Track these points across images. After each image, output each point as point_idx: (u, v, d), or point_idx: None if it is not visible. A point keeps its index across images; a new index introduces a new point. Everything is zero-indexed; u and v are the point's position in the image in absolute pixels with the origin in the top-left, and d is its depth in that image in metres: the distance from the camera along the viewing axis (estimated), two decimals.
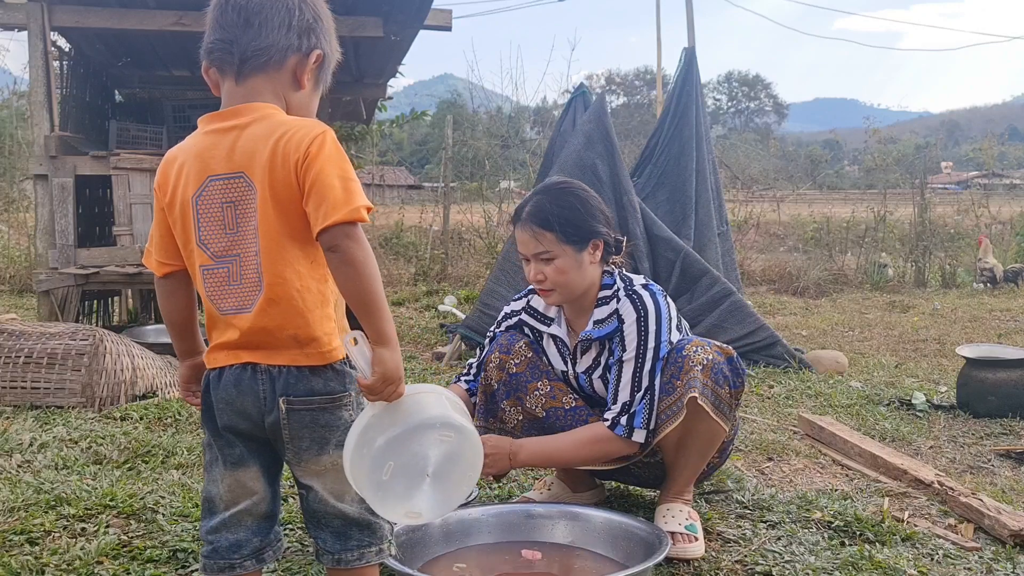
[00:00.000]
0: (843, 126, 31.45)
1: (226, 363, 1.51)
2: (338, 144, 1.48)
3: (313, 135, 1.45)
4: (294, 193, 1.45)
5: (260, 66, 1.53)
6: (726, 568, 2.15)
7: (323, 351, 1.49)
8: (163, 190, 1.57)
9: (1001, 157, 23.00)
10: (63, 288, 5.24)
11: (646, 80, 59.76)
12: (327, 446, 1.51)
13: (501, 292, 5.30)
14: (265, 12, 1.52)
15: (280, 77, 1.55)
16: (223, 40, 1.53)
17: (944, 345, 6.02)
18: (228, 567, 1.54)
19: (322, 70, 1.61)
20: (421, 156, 29.35)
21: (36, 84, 5.32)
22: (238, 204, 1.48)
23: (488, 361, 2.46)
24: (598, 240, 2.31)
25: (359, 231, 1.43)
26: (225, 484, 1.54)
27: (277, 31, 1.52)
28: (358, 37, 5.81)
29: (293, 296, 1.47)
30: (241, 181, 1.48)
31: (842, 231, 11.59)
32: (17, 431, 3.29)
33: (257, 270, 1.47)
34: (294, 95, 1.57)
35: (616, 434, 2.23)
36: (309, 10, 1.56)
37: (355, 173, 1.47)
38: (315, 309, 1.49)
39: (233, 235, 1.49)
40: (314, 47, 1.56)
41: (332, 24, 1.63)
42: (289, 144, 1.45)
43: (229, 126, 1.51)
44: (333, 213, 1.40)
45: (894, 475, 2.89)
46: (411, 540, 2.05)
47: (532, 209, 2.31)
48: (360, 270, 1.42)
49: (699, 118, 6.03)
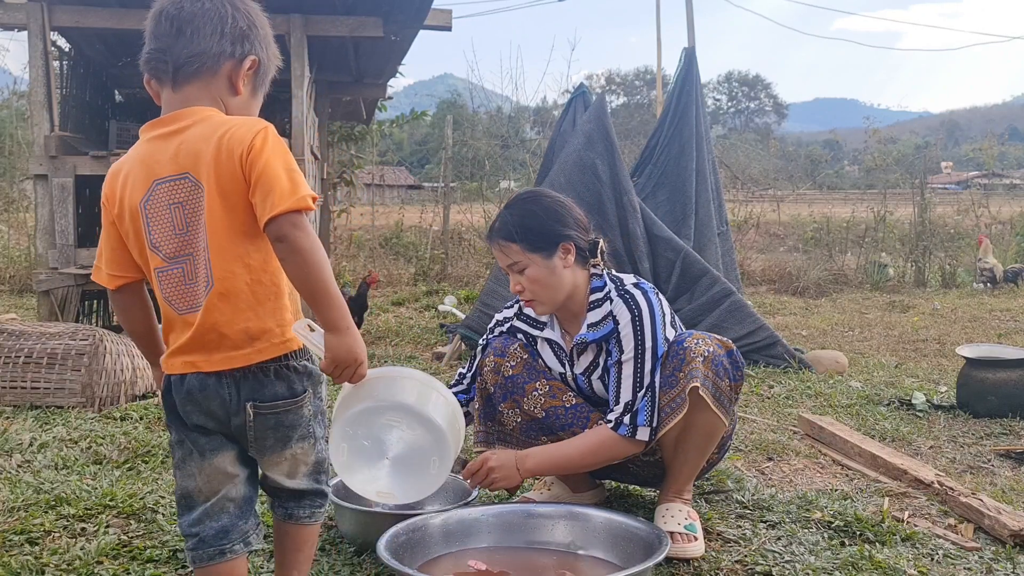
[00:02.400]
0: (843, 126, 31.48)
1: (185, 371, 1.54)
2: (280, 138, 1.53)
3: (256, 130, 1.49)
4: (240, 186, 1.48)
5: (194, 73, 1.56)
6: (726, 568, 2.15)
7: (275, 342, 1.54)
8: (111, 202, 1.60)
9: (1001, 157, 23.00)
10: (63, 288, 5.24)
11: (646, 80, 59.76)
12: (289, 442, 1.59)
13: (501, 292, 5.30)
14: (197, 21, 1.55)
15: (216, 83, 1.58)
16: (157, 50, 1.57)
17: (944, 345, 6.02)
18: (218, 553, 1.56)
19: (259, 75, 1.65)
20: (421, 156, 29.35)
21: (36, 84, 5.32)
22: (186, 204, 1.51)
23: (483, 365, 2.46)
24: (567, 244, 2.30)
25: (305, 220, 1.47)
26: (203, 475, 1.58)
27: (209, 39, 1.55)
28: (358, 37, 5.83)
29: (243, 289, 1.51)
30: (187, 181, 1.51)
31: (842, 231, 11.60)
32: (17, 431, 3.29)
33: (208, 266, 1.50)
34: (231, 100, 1.61)
35: (620, 435, 2.23)
36: (243, 17, 1.60)
37: (297, 165, 1.51)
38: (266, 301, 1.53)
39: (183, 235, 1.52)
40: (248, 53, 1.60)
41: (269, 31, 1.67)
42: (233, 139, 1.48)
43: (170, 131, 1.54)
44: (280, 203, 1.43)
45: (894, 475, 2.89)
46: (411, 540, 2.05)
47: (498, 224, 2.35)
48: (307, 258, 1.45)
49: (699, 118, 6.03)
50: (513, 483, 2.28)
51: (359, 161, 11.04)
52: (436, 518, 2.14)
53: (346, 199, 10.67)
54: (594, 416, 2.38)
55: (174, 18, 1.55)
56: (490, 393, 2.44)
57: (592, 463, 2.30)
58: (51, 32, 5.47)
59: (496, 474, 2.24)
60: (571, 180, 5.32)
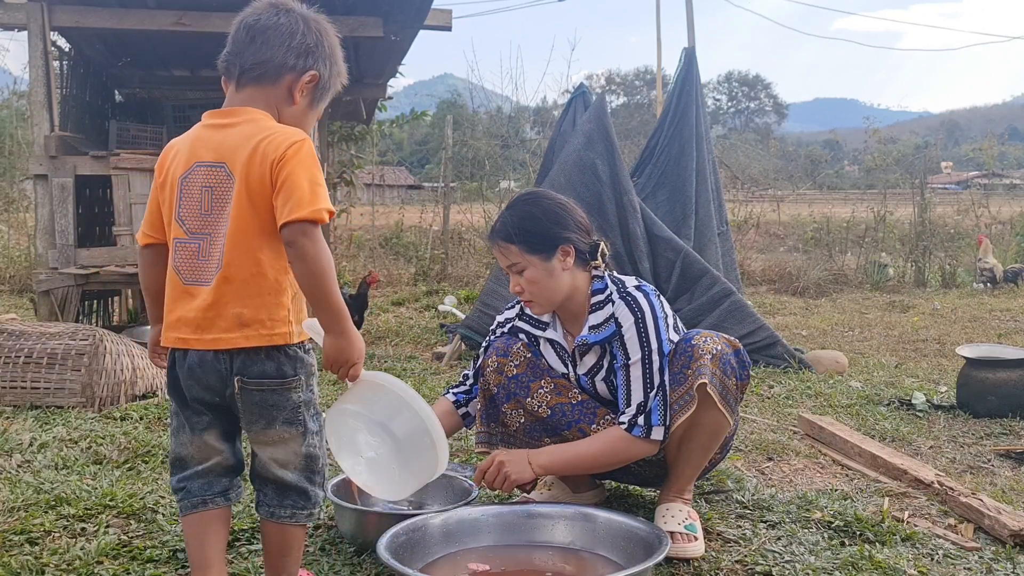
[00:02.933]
0: (843, 126, 31.48)
1: (178, 346, 1.70)
2: (314, 153, 1.66)
3: (292, 140, 1.64)
4: (267, 189, 1.62)
5: (256, 78, 1.73)
6: (726, 568, 2.15)
7: (263, 333, 1.65)
8: (160, 171, 1.77)
9: (1001, 157, 23.00)
10: (63, 288, 5.24)
11: (646, 80, 59.76)
12: (274, 423, 1.70)
13: (501, 292, 5.30)
14: (268, 32, 1.72)
15: (275, 91, 1.74)
16: (231, 53, 1.75)
17: (944, 345, 6.02)
18: (201, 503, 1.75)
19: (318, 90, 1.79)
20: (421, 156, 29.36)
21: (36, 84, 5.32)
22: (215, 190, 1.67)
23: (485, 366, 2.46)
24: (566, 246, 2.31)
25: (316, 231, 1.60)
26: (194, 447, 1.75)
27: (276, 49, 1.72)
28: (358, 37, 5.81)
29: (246, 279, 1.64)
30: (221, 171, 1.66)
31: (842, 231, 11.59)
32: (17, 431, 3.29)
33: (222, 250, 1.64)
34: (287, 109, 1.76)
35: (635, 436, 2.22)
36: (312, 35, 1.75)
37: (324, 181, 1.65)
38: (266, 295, 1.65)
39: (207, 216, 1.67)
40: (309, 67, 1.75)
41: (338, 51, 1.81)
42: (270, 145, 1.63)
43: (222, 123, 1.71)
44: (297, 210, 1.58)
45: (894, 475, 2.89)
46: (411, 540, 2.05)
47: (498, 225, 2.36)
48: (310, 266, 1.59)
49: (699, 118, 6.02)
50: (526, 478, 2.27)
51: (359, 161, 11.04)
52: (436, 518, 2.14)
53: (346, 199, 10.68)
54: (600, 412, 2.38)
55: (250, 27, 1.73)
56: (493, 394, 2.44)
57: (605, 464, 2.30)
58: (51, 32, 5.46)
59: (508, 468, 2.24)
60: (571, 180, 5.32)
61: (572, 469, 2.39)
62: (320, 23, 1.78)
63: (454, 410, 2.55)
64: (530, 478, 2.28)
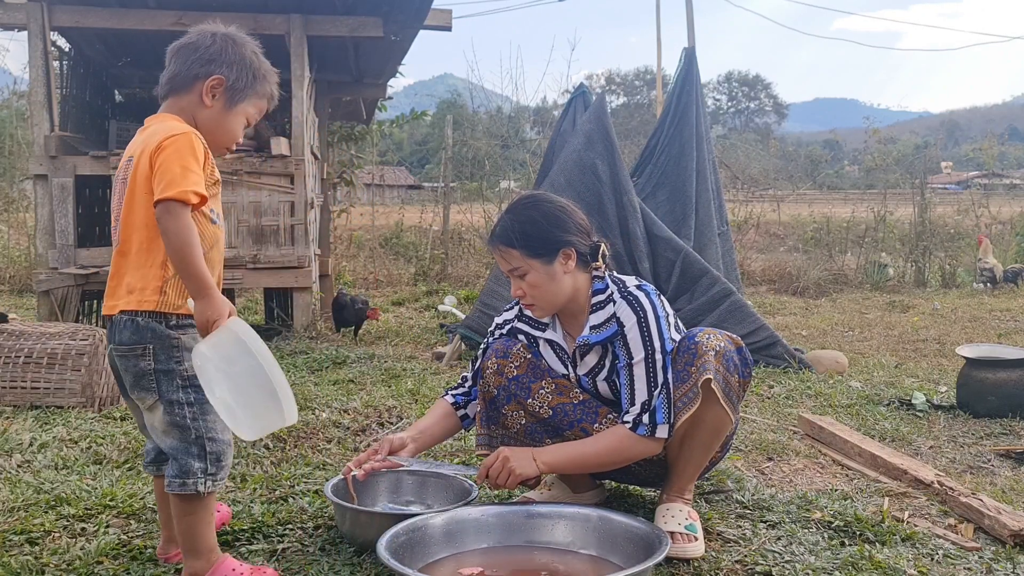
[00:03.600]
0: (843, 126, 31.47)
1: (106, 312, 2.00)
2: (195, 145, 1.88)
3: (172, 133, 1.88)
4: (149, 174, 1.87)
5: (172, 89, 2.03)
6: (726, 568, 2.15)
7: (141, 299, 1.91)
8: None
9: (1001, 157, 22.98)
10: (63, 288, 5.24)
11: (646, 80, 59.78)
12: (133, 388, 1.95)
13: (501, 292, 5.29)
14: (180, 51, 2.02)
15: (188, 97, 2.01)
16: (162, 75, 2.05)
17: (944, 345, 6.02)
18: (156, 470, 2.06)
19: (228, 91, 2.01)
20: (421, 156, 29.37)
21: (36, 84, 5.32)
22: (126, 181, 1.95)
23: (485, 368, 2.45)
24: (567, 249, 2.30)
25: (180, 209, 1.81)
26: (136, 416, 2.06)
27: (183, 63, 2.01)
28: (358, 37, 5.83)
29: (132, 251, 1.92)
30: (131, 163, 1.94)
31: (842, 231, 11.60)
32: (17, 431, 3.29)
33: (119, 230, 1.95)
34: (202, 112, 2.01)
35: (639, 435, 2.22)
36: (216, 46, 2.00)
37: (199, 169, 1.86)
38: (147, 267, 1.91)
39: (120, 204, 1.96)
40: (213, 72, 1.99)
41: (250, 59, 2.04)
42: (154, 137, 1.89)
43: (144, 127, 2.02)
44: (166, 190, 1.81)
45: (894, 475, 2.89)
46: (411, 540, 2.05)
47: (498, 229, 2.35)
48: (171, 239, 1.81)
49: (699, 118, 6.02)
50: (531, 473, 2.26)
51: (359, 161, 11.02)
52: (436, 518, 2.14)
53: (346, 199, 10.66)
54: (603, 411, 2.37)
55: (169, 51, 2.04)
56: (493, 396, 2.43)
57: (609, 463, 2.30)
58: (51, 32, 5.47)
59: (513, 463, 2.23)
60: (571, 180, 5.32)
61: (576, 467, 2.39)
62: (229, 36, 2.02)
63: (453, 412, 2.55)
64: (534, 473, 2.27)
